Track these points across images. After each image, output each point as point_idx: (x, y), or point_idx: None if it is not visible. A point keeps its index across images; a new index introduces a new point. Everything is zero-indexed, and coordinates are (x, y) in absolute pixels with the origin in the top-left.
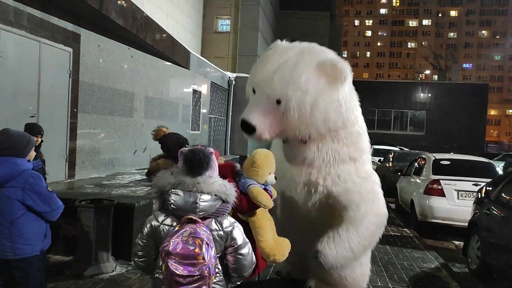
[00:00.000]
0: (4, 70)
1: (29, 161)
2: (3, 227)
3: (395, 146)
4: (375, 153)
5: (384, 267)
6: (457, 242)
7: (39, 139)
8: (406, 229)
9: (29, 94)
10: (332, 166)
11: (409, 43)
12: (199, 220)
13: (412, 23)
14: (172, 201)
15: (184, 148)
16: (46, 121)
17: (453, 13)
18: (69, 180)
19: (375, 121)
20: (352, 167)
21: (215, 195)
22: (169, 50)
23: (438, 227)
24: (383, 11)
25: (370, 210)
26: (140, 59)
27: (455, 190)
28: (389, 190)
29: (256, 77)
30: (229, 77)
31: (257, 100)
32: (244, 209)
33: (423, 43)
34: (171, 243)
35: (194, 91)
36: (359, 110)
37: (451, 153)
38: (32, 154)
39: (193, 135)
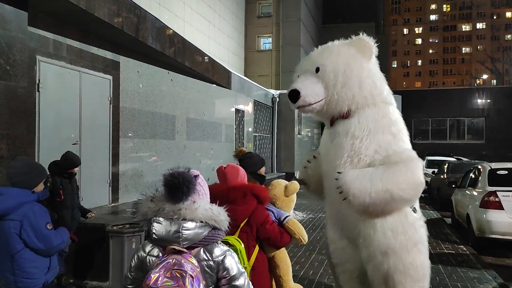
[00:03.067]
0: (46, 101)
1: (33, 192)
2: (5, 260)
3: (452, 157)
4: (429, 164)
5: None
6: None
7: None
8: (462, 246)
9: (71, 122)
10: (373, 136)
11: (463, 48)
12: (185, 250)
13: (465, 27)
14: (154, 231)
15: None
16: (88, 147)
17: (508, 14)
18: (112, 204)
19: (429, 131)
20: (392, 140)
21: (201, 221)
22: (209, 72)
23: (498, 243)
24: (433, 17)
25: (406, 162)
26: (180, 82)
27: None
28: (444, 203)
29: (299, 65)
30: (273, 95)
31: (299, 77)
32: (287, 243)
33: (478, 47)
34: (152, 277)
35: (237, 110)
36: (389, 90)
37: None
38: (41, 186)
39: None
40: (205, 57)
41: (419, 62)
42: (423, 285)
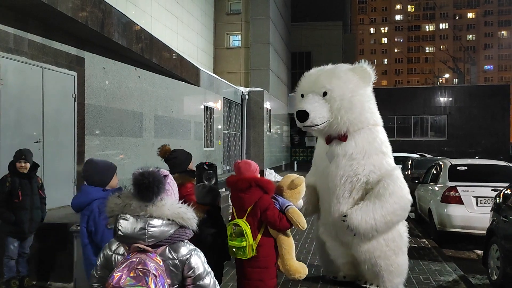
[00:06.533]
0: (7, 97)
1: (104, 190)
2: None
3: (416, 153)
4: (394, 161)
5: None
6: (479, 252)
7: (24, 164)
8: (424, 240)
9: (33, 120)
10: (368, 157)
11: (426, 48)
12: (149, 249)
13: (429, 27)
14: (119, 227)
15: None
16: (51, 145)
17: (470, 15)
18: None
19: (395, 128)
20: (383, 158)
21: (168, 219)
22: (177, 69)
23: (459, 236)
24: (398, 17)
25: (396, 191)
26: (147, 79)
27: (474, 196)
28: None
29: (304, 84)
30: (242, 92)
31: (307, 97)
32: (285, 227)
33: (441, 47)
34: (115, 276)
35: (206, 108)
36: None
37: (477, 157)
38: (114, 181)
39: (207, 152)
40: (173, 54)
41: (385, 61)
42: (404, 278)
